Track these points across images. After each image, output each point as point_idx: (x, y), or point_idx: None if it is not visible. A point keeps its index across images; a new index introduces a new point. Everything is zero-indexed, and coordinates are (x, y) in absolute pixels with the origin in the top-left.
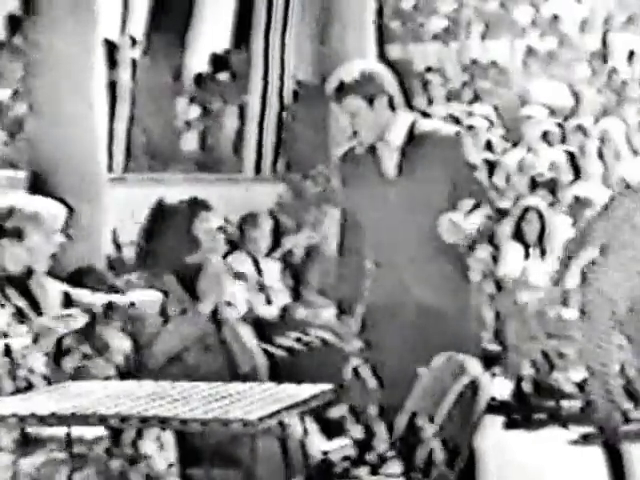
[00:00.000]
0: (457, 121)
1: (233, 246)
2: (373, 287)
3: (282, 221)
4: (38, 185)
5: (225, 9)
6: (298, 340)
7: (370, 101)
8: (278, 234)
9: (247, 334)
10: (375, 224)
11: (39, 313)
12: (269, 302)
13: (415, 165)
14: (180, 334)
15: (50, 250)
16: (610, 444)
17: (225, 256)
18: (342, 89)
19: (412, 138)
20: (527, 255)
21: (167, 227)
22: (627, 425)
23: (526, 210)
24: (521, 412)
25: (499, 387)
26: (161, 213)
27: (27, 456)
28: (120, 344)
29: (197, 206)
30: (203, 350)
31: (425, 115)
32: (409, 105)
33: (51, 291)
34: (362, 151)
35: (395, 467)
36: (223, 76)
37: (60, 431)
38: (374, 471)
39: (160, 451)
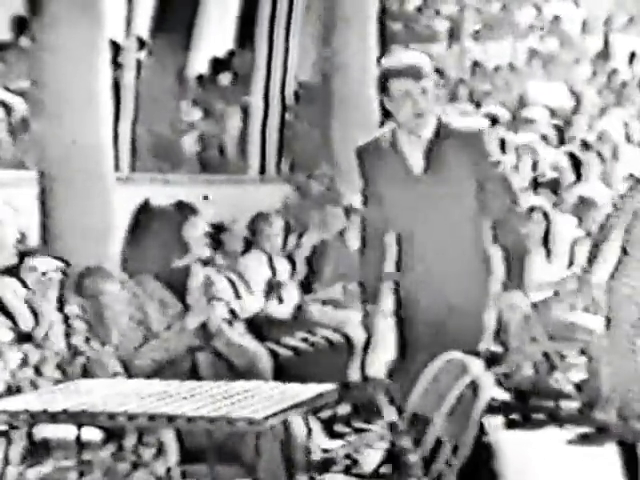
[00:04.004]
0: None
1: (247, 245)
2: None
3: (290, 221)
4: (48, 185)
5: (229, 10)
6: (304, 340)
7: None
8: (287, 233)
9: (239, 333)
10: (399, 219)
11: None
12: (281, 301)
13: (441, 161)
14: (165, 350)
15: None
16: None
17: (242, 254)
18: (390, 73)
19: (437, 133)
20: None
21: (153, 231)
22: None
23: (531, 210)
24: (520, 412)
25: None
26: (147, 216)
27: (35, 466)
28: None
29: (184, 210)
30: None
31: None
32: None
33: None
34: (386, 144)
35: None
36: (225, 77)
37: (68, 437)
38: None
39: (162, 452)
